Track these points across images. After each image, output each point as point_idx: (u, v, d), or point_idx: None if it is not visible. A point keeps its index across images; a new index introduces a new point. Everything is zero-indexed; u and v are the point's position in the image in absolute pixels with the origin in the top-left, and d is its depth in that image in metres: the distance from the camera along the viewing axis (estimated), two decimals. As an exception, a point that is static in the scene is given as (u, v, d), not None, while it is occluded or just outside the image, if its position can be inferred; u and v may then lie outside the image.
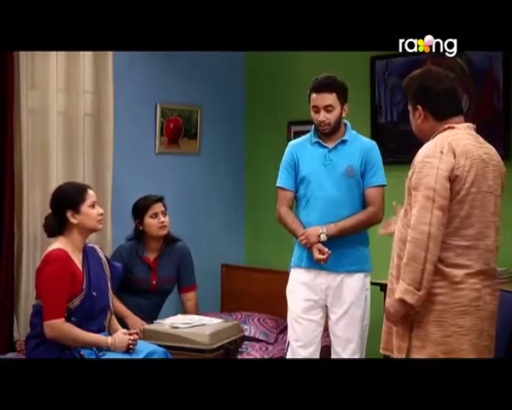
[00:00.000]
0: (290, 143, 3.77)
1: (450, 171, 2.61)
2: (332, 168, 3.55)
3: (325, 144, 3.59)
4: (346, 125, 3.64)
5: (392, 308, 2.68)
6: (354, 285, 3.55)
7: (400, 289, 2.63)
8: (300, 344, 3.59)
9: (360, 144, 3.62)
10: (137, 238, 4.20)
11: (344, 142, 3.59)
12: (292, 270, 3.68)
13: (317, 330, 3.60)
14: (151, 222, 4.14)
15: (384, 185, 3.61)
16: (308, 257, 3.56)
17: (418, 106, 2.76)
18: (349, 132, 3.62)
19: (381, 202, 3.59)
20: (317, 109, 3.53)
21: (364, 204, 3.59)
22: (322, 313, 3.60)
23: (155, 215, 4.14)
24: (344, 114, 3.58)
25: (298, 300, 3.61)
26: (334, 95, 3.52)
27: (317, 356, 3.61)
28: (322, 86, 3.51)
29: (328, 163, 3.56)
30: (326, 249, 3.43)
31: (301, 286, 3.60)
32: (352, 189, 3.55)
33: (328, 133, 3.57)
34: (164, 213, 4.17)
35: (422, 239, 2.57)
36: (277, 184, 3.70)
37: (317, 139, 3.61)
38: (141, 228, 4.17)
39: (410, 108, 2.83)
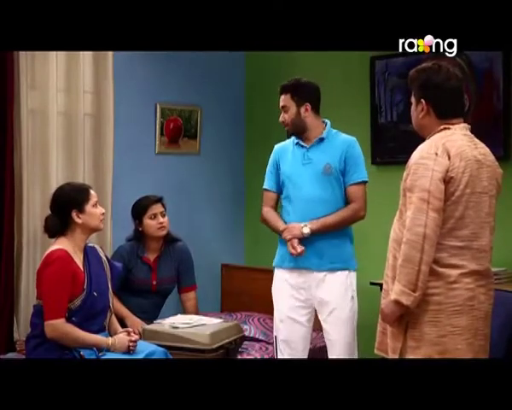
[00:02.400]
0: (275, 145, 3.80)
1: (445, 172, 2.61)
2: (310, 167, 3.57)
3: (304, 144, 3.61)
4: (325, 123, 3.65)
5: (388, 309, 2.68)
6: (337, 283, 3.52)
7: (396, 291, 2.63)
8: (285, 344, 3.59)
9: (340, 141, 3.61)
10: (137, 239, 4.20)
11: (322, 140, 3.60)
12: (275, 269, 3.68)
13: (300, 331, 3.58)
14: (150, 223, 4.14)
15: (365, 182, 3.59)
16: (290, 258, 3.55)
17: (422, 100, 2.75)
18: (327, 131, 3.62)
19: (363, 199, 3.57)
20: (281, 110, 3.64)
21: (347, 201, 3.58)
22: (310, 315, 3.59)
23: (154, 216, 4.14)
24: (305, 114, 3.58)
25: (284, 298, 3.60)
26: (289, 95, 3.60)
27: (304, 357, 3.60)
28: (280, 89, 3.64)
29: (307, 162, 3.58)
30: (301, 246, 3.46)
31: (286, 285, 3.60)
32: (331, 186, 3.55)
33: (294, 133, 3.64)
34: (163, 214, 4.17)
35: (418, 241, 2.58)
36: (263, 187, 3.75)
37: (297, 140, 3.64)
38: (140, 229, 4.17)
39: (412, 100, 2.82)
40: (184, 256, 4.30)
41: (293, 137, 3.68)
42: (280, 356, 3.63)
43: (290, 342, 3.58)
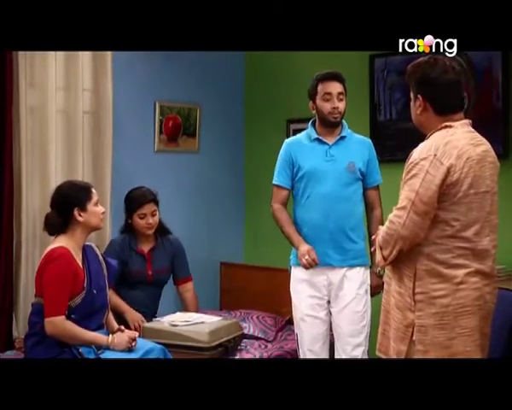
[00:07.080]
0: (286, 141, 3.79)
1: (443, 177, 2.56)
2: (334, 164, 3.58)
3: (325, 140, 3.62)
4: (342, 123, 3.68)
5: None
6: (355, 279, 3.57)
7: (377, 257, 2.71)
8: (308, 342, 3.63)
9: (359, 141, 3.67)
10: (129, 231, 4.20)
11: (343, 138, 3.63)
12: (293, 268, 3.69)
13: (322, 327, 3.62)
14: (138, 221, 4.14)
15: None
16: None
17: (419, 96, 2.70)
18: (346, 129, 3.66)
19: (380, 202, 3.70)
20: (330, 97, 3.57)
21: (365, 202, 3.66)
22: (327, 310, 3.63)
23: (144, 216, 4.13)
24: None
25: (302, 298, 3.63)
26: (343, 86, 3.61)
27: (325, 352, 3.65)
28: (334, 75, 3.60)
29: (330, 159, 3.59)
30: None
31: (304, 283, 3.62)
32: (352, 184, 3.59)
33: (335, 124, 3.60)
34: (153, 214, 4.15)
35: (393, 235, 2.59)
36: (274, 182, 3.71)
37: (316, 136, 3.63)
38: (129, 222, 4.18)
39: (411, 96, 2.77)
40: (178, 249, 4.31)
41: (305, 133, 3.69)
42: (302, 355, 3.67)
43: (312, 340, 3.62)
